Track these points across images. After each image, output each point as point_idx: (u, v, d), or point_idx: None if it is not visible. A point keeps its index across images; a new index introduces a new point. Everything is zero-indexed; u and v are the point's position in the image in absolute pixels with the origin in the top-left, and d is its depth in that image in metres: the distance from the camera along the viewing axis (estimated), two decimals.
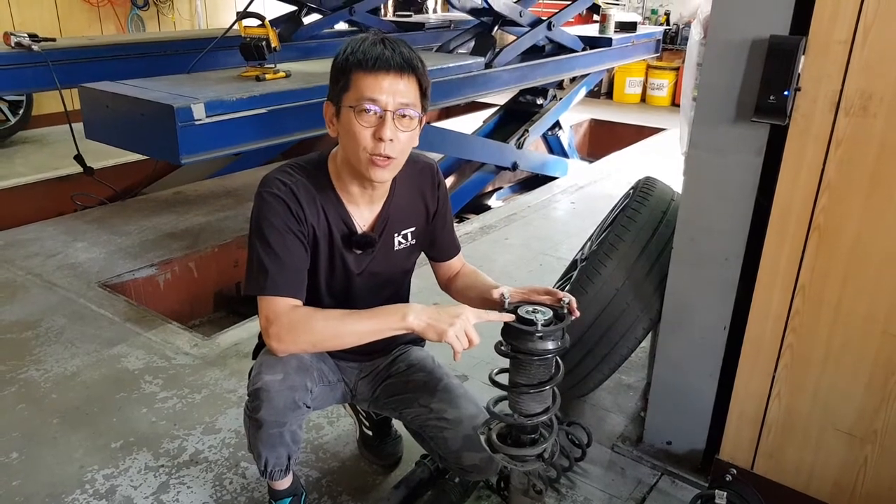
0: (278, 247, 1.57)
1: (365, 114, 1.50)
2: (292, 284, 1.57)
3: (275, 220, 1.57)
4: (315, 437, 2.35)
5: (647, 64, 8.59)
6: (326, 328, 1.53)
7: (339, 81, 1.54)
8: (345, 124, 1.54)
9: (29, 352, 2.86)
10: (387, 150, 1.52)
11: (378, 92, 1.49)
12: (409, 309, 1.51)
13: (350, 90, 1.51)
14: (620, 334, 2.17)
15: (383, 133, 1.50)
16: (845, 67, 1.60)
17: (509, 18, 4.98)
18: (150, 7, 7.47)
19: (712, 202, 1.91)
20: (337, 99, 1.55)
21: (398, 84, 1.50)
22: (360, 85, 1.50)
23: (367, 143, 1.51)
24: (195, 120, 3.06)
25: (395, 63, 1.49)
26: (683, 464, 2.18)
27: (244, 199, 4.82)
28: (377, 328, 1.53)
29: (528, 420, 1.51)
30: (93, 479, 2.16)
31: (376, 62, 1.49)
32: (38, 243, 4.00)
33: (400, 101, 1.51)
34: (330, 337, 1.54)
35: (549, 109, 5.84)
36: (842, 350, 1.79)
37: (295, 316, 1.53)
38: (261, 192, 1.60)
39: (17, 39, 4.21)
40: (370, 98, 1.49)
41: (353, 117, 1.51)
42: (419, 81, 1.55)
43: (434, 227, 1.83)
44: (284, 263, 1.56)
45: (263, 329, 1.56)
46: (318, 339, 1.55)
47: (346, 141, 1.55)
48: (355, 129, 1.51)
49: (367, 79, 1.49)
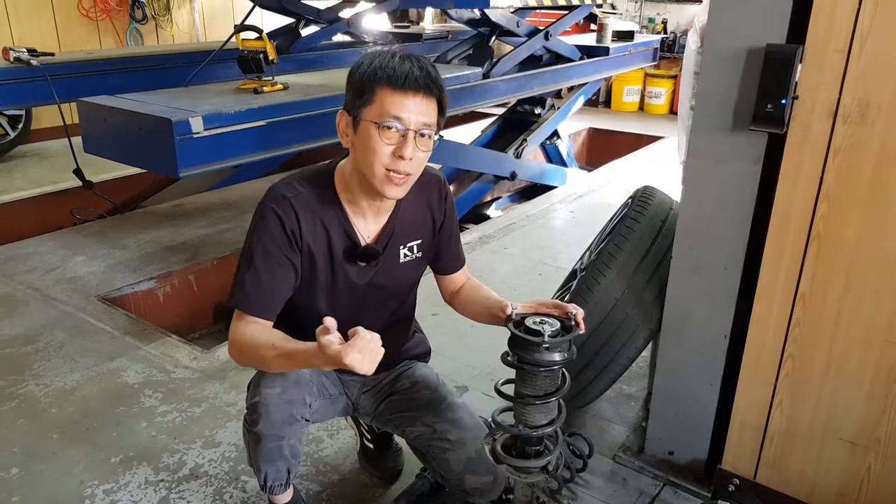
0: (261, 265, 1.58)
1: (388, 131, 1.49)
2: (262, 305, 1.59)
3: (265, 238, 1.58)
4: (315, 451, 2.34)
5: (645, 72, 8.61)
6: (267, 360, 1.54)
7: (361, 94, 1.51)
8: (363, 138, 1.52)
9: (28, 366, 2.86)
10: (405, 168, 1.52)
11: (403, 110, 1.49)
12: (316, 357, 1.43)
13: (374, 104, 1.50)
14: (621, 344, 2.16)
15: (404, 151, 1.50)
16: (842, 76, 1.61)
17: (506, 29, 5.00)
18: (148, 21, 7.48)
19: (711, 211, 1.91)
20: (356, 111, 1.53)
21: (423, 104, 1.51)
22: (385, 101, 1.49)
23: (386, 160, 1.51)
24: (193, 133, 3.06)
25: (423, 83, 1.49)
26: (685, 474, 2.17)
27: (243, 212, 4.81)
28: (295, 364, 1.54)
29: (533, 432, 1.50)
30: (93, 494, 2.15)
31: (405, 81, 1.48)
32: (38, 257, 3.99)
33: (423, 122, 1.51)
34: (261, 367, 1.62)
35: (547, 119, 5.84)
36: (843, 359, 1.78)
37: (244, 338, 1.56)
38: (262, 204, 1.61)
39: (16, 54, 4.21)
40: (395, 116, 1.48)
41: (374, 132, 1.50)
42: (440, 102, 1.55)
43: (440, 239, 1.82)
44: (262, 284, 1.58)
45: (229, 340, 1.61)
46: (262, 367, 1.62)
47: (363, 155, 1.54)
48: (376, 144, 1.50)
49: (393, 96, 1.48)
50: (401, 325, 1.91)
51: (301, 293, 1.66)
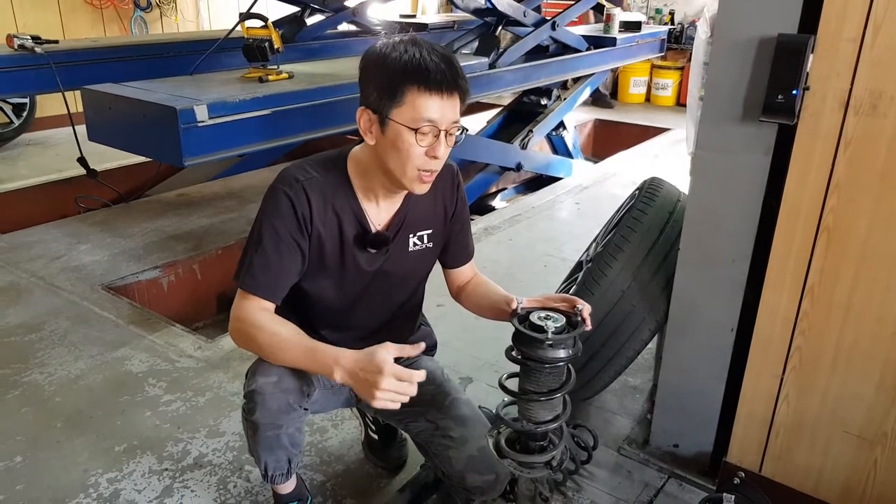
0: (270, 248, 1.57)
1: (423, 135, 1.48)
2: (269, 287, 1.58)
3: (275, 221, 1.57)
4: (320, 440, 2.34)
5: (652, 64, 8.56)
6: (264, 347, 1.55)
7: (390, 94, 1.47)
8: (393, 140, 1.50)
9: (33, 355, 2.86)
10: (435, 166, 1.52)
11: (437, 112, 1.47)
12: (339, 364, 1.45)
13: (405, 106, 1.46)
14: (627, 336, 2.15)
15: (438, 152, 1.50)
16: (854, 66, 1.59)
17: (513, 18, 4.96)
18: (153, 9, 7.46)
19: (719, 202, 1.90)
20: (385, 110, 1.49)
21: (454, 104, 1.50)
22: (418, 104, 1.46)
23: (420, 162, 1.50)
24: (198, 122, 3.04)
25: (453, 82, 1.48)
26: (691, 467, 2.17)
27: (248, 201, 4.81)
28: (306, 367, 1.54)
29: (537, 428, 1.49)
30: (97, 482, 2.15)
31: (437, 83, 1.45)
32: (42, 246, 3.99)
33: (453, 121, 1.50)
34: (266, 356, 1.58)
35: (553, 110, 5.81)
36: (851, 352, 1.77)
37: (250, 321, 1.55)
38: (274, 186, 1.60)
39: (21, 42, 4.20)
40: (429, 119, 1.47)
41: (407, 136, 1.48)
42: (463, 97, 1.53)
43: (450, 229, 1.81)
44: (270, 266, 1.57)
45: (230, 316, 1.59)
46: (258, 352, 1.59)
47: (394, 155, 1.52)
48: (410, 148, 1.49)
49: (426, 99, 1.45)
50: (407, 318, 1.90)
51: (309, 278, 1.66)
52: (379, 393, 1.39)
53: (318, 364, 1.49)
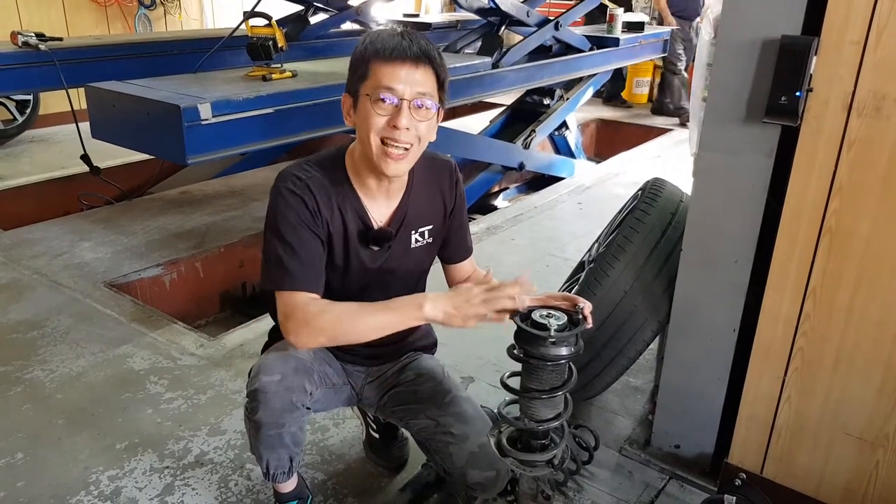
0: (294, 241, 1.56)
1: (381, 102, 1.50)
2: (309, 278, 1.56)
3: (289, 215, 1.57)
4: (321, 439, 2.34)
5: (655, 64, 8.55)
6: (341, 323, 1.50)
7: (356, 70, 1.54)
8: (361, 113, 1.54)
9: (35, 352, 2.86)
10: (403, 137, 1.51)
11: (395, 81, 1.49)
12: (426, 298, 1.48)
13: (368, 79, 1.52)
14: (629, 337, 2.15)
15: (399, 121, 1.50)
16: (858, 68, 1.59)
17: (516, 18, 4.96)
18: (157, 6, 7.47)
19: (722, 204, 1.90)
20: (354, 89, 1.55)
21: (415, 74, 1.51)
22: (377, 74, 1.50)
23: (382, 131, 1.51)
24: (201, 120, 3.05)
25: (413, 53, 1.50)
26: (692, 468, 2.17)
27: (250, 199, 4.81)
28: (394, 321, 1.50)
29: (538, 426, 1.49)
30: (98, 480, 2.16)
31: (394, 51, 1.49)
32: (45, 243, 4.00)
33: (417, 91, 1.51)
34: (346, 331, 1.51)
35: (555, 109, 5.81)
36: (853, 354, 1.77)
37: (311, 310, 1.51)
38: (277, 186, 1.60)
39: (25, 39, 4.20)
40: (387, 87, 1.49)
41: (369, 106, 1.51)
42: (436, 72, 1.55)
43: (450, 225, 1.82)
44: (301, 257, 1.55)
45: (281, 324, 1.54)
46: (334, 333, 1.51)
47: (362, 131, 1.55)
48: (371, 116, 1.51)
49: (384, 68, 1.50)
50: None
51: None
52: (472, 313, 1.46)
53: (404, 311, 1.49)
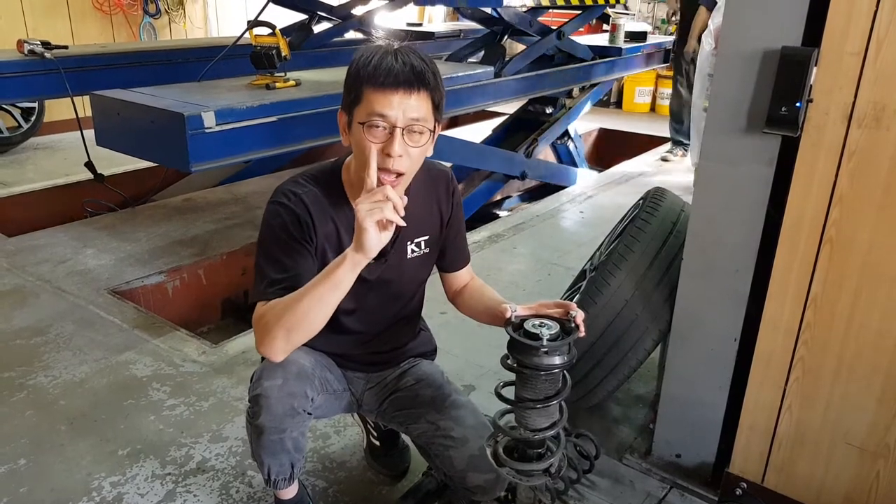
0: (279, 253, 1.57)
1: (374, 129, 1.49)
2: (285, 290, 1.53)
3: (279, 232, 1.58)
4: (322, 447, 2.34)
5: (657, 73, 8.58)
6: (284, 312, 1.46)
7: (350, 92, 1.53)
8: (356, 138, 1.53)
9: (38, 358, 2.87)
10: (395, 166, 1.50)
11: (387, 108, 1.47)
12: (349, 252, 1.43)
13: (361, 104, 1.50)
14: (630, 345, 2.15)
15: (391, 149, 1.48)
16: (858, 79, 1.60)
17: (519, 28, 4.99)
18: (161, 15, 7.51)
19: (723, 213, 1.90)
20: (349, 111, 1.55)
21: (408, 100, 1.48)
22: (370, 100, 1.48)
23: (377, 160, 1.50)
24: (205, 128, 3.06)
25: (405, 79, 1.47)
26: (693, 477, 2.17)
27: (253, 207, 4.83)
28: (328, 284, 1.44)
29: (534, 435, 1.50)
30: (100, 486, 2.16)
31: (385, 78, 1.46)
32: (49, 249, 4.01)
33: (410, 117, 1.49)
34: (293, 319, 1.46)
35: (558, 119, 5.83)
36: (854, 363, 1.77)
37: (261, 315, 1.51)
38: (271, 202, 1.61)
39: (30, 47, 4.23)
40: (379, 114, 1.47)
41: (363, 133, 1.50)
42: (431, 96, 1.52)
43: (447, 234, 1.82)
44: (287, 271, 1.56)
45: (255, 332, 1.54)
46: (283, 326, 1.47)
47: (358, 154, 1.55)
48: (364, 144, 1.50)
49: (376, 94, 1.47)
50: (407, 323, 1.91)
51: None
52: (376, 211, 1.37)
53: (330, 269, 1.44)
